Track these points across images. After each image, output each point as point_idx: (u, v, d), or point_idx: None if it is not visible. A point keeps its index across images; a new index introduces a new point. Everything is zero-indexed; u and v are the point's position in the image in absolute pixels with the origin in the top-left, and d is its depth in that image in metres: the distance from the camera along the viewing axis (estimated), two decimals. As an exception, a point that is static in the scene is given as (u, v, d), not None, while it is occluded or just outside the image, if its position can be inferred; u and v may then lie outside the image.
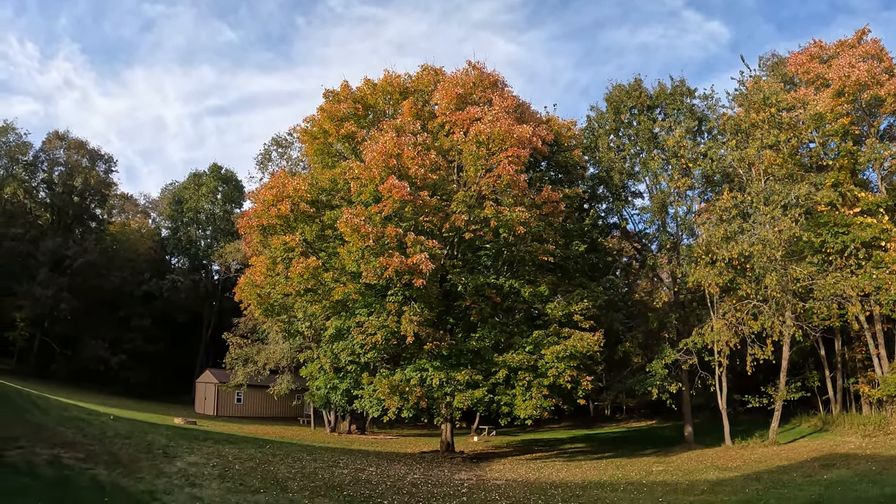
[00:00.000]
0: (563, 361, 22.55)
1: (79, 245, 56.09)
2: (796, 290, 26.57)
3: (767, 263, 26.03)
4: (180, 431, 24.19)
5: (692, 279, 28.33)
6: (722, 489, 16.73)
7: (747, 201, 27.48)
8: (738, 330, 27.34)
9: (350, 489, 16.71)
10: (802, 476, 17.47)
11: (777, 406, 27.92)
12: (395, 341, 22.36)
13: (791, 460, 20.91)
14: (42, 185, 60.11)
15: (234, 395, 46.47)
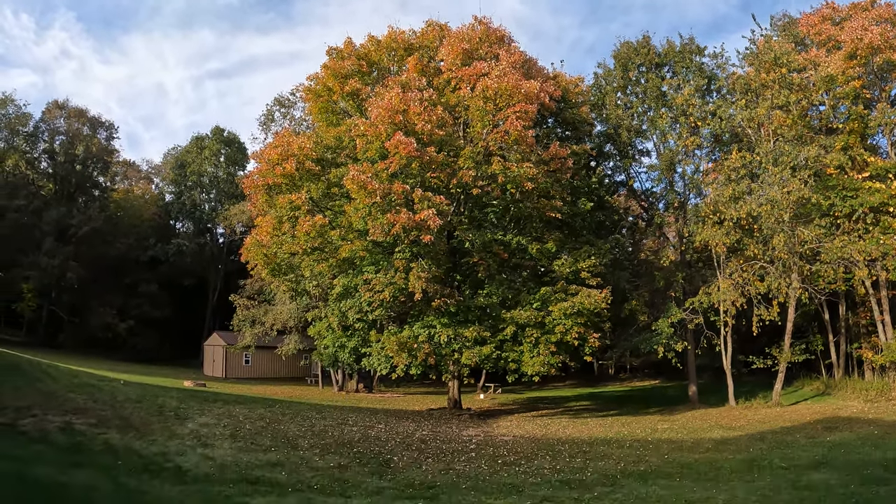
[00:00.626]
0: (571, 318, 22.59)
1: (83, 213, 56.04)
2: (803, 252, 26.49)
3: (775, 224, 25.91)
4: (190, 393, 24.41)
5: (699, 238, 28.23)
6: (726, 447, 16.83)
7: (756, 161, 27.22)
8: (745, 290, 27.29)
9: (360, 446, 16.90)
10: (806, 437, 17.60)
11: (781, 368, 28.04)
12: (402, 298, 22.37)
13: (794, 422, 21.09)
14: (44, 155, 59.89)
15: (242, 356, 46.85)
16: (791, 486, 11.47)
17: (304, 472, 13.61)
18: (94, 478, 9.90)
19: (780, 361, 28.06)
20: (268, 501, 10.24)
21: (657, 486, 12.56)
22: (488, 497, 12.16)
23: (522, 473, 14.62)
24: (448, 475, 14.34)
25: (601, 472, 14.53)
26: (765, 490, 11.18)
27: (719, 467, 14.00)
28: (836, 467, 12.94)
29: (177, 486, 10.87)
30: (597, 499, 11.64)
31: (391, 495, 12.12)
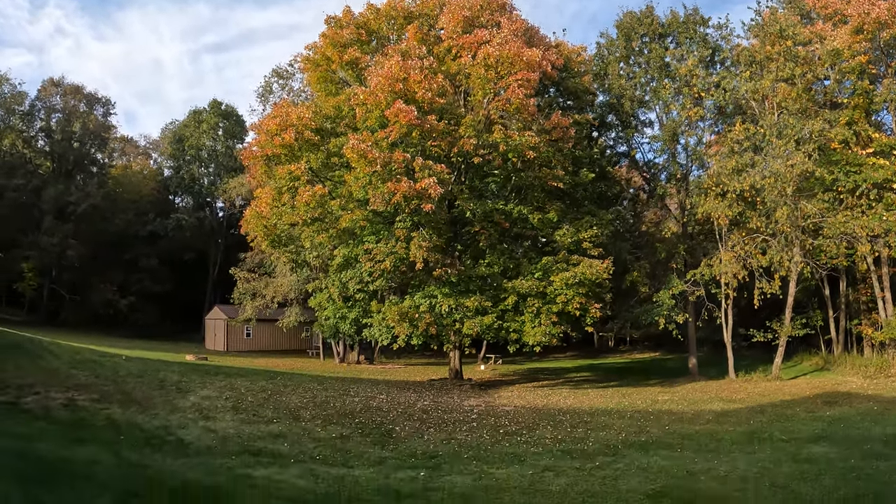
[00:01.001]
0: (572, 288, 22.46)
1: (81, 191, 55.72)
2: (806, 226, 26.32)
3: (778, 198, 25.70)
4: (192, 367, 24.44)
5: (701, 210, 28.07)
6: (727, 420, 16.88)
7: (760, 134, 26.93)
8: (747, 263, 27.20)
9: (362, 416, 16.91)
10: (805, 411, 17.63)
11: (781, 342, 27.97)
12: (403, 268, 22.23)
13: (794, 396, 21.12)
14: (40, 133, 59.41)
15: (244, 329, 46.91)
16: (791, 458, 11.43)
17: (306, 443, 13.59)
18: (97, 453, 9.90)
19: (781, 335, 28.00)
20: (270, 473, 10.20)
21: (658, 456, 12.46)
22: (490, 466, 12.13)
23: (524, 443, 14.60)
24: (450, 445, 14.32)
25: (602, 442, 14.51)
26: (765, 462, 11.18)
27: (720, 439, 14.03)
28: (835, 441, 12.94)
29: (179, 459, 10.79)
30: (598, 468, 11.58)
31: (393, 465, 12.08)
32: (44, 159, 59.84)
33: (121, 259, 58.84)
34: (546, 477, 10.89)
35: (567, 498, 9.19)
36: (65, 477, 7.54)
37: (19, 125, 57.64)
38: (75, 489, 7.01)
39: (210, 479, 8.97)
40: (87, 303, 55.02)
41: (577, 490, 9.76)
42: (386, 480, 10.27)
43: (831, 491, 8.84)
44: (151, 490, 7.38)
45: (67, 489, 6.98)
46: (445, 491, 9.51)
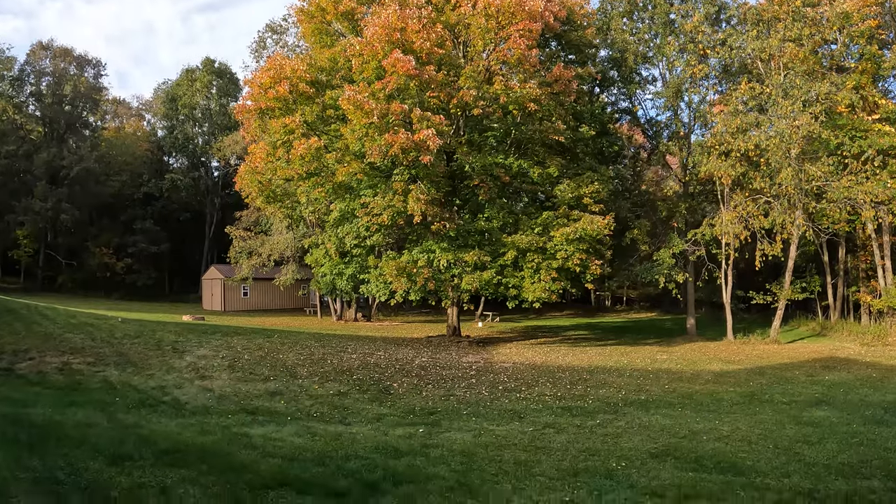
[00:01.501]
0: (573, 244, 22.06)
1: (74, 154, 55.07)
2: (810, 189, 25.95)
3: (782, 159, 25.27)
4: (188, 327, 24.28)
5: (704, 169, 27.65)
6: (726, 380, 16.87)
7: (765, 94, 26.37)
8: (749, 224, 26.87)
9: (359, 373, 16.79)
10: (805, 375, 17.61)
11: (780, 305, 27.91)
12: (401, 222, 21.75)
13: (793, 359, 21.07)
14: (30, 98, 58.42)
15: (241, 289, 46.71)
16: (793, 421, 11.32)
17: (303, 401, 13.49)
18: (90, 416, 9.75)
19: (780, 298, 27.91)
20: (267, 431, 10.02)
21: (659, 415, 12.35)
22: (490, 423, 11.96)
23: (523, 400, 14.51)
24: (449, 401, 14.22)
25: (602, 400, 14.42)
26: (768, 424, 11.08)
27: (720, 399, 13.98)
28: (836, 406, 12.85)
29: (174, 420, 10.70)
30: (599, 426, 11.41)
31: (392, 422, 11.91)
32: (35, 124, 59.02)
33: (116, 221, 58.60)
34: (546, 434, 10.73)
35: (568, 455, 8.98)
36: (56, 442, 7.41)
37: (9, 91, 56.72)
38: (67, 454, 6.83)
39: (205, 438, 8.77)
40: (83, 267, 54.90)
41: (578, 447, 9.55)
42: (384, 437, 10.08)
43: (835, 455, 8.68)
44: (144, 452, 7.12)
45: (58, 454, 6.81)
46: (445, 448, 9.30)
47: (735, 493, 6.89)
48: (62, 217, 52.15)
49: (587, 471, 7.92)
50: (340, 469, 7.36)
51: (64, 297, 46.73)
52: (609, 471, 7.93)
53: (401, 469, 7.54)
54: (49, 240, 55.62)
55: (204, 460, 7.15)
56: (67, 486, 5.79)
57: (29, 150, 54.77)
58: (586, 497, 6.70)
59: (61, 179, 53.98)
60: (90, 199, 56.72)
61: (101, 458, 6.81)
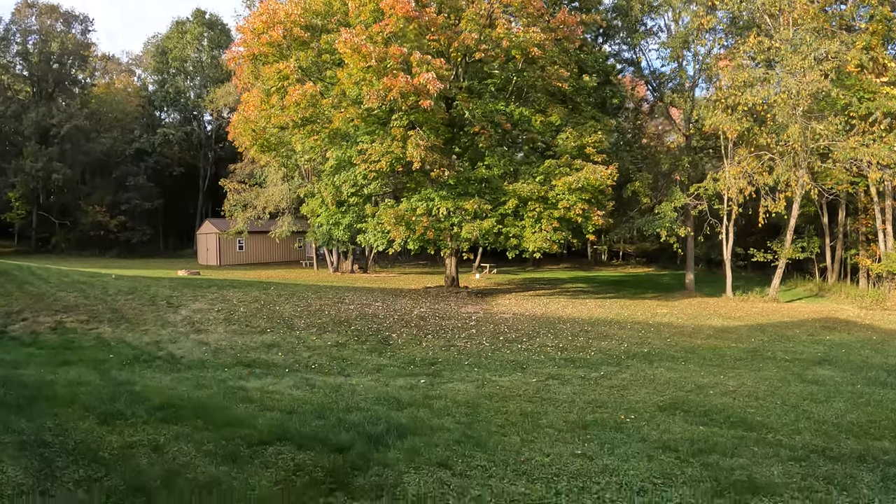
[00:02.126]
0: (575, 193, 21.49)
1: (63, 112, 54.03)
2: (816, 148, 25.52)
3: (789, 116, 24.80)
4: (183, 282, 23.96)
5: (710, 122, 27.10)
6: (727, 336, 16.81)
7: (774, 49, 25.66)
8: (753, 180, 26.44)
9: (357, 324, 16.55)
10: (805, 334, 17.54)
11: (780, 263, 27.74)
12: (400, 168, 21.08)
13: (792, 318, 20.99)
14: (17, 58, 56.86)
15: (236, 242, 46.32)
16: (798, 378, 11.24)
17: (301, 353, 13.31)
18: (82, 375, 9.49)
19: (781, 257, 27.75)
20: (264, 384, 9.79)
21: (663, 367, 12.24)
22: (492, 374, 11.75)
23: (525, 351, 14.36)
24: (449, 352, 14.04)
25: (605, 352, 14.30)
26: (773, 380, 10.97)
27: (723, 354, 13.90)
28: (839, 366, 12.77)
29: (169, 374, 10.48)
30: (604, 378, 11.24)
31: (392, 373, 11.71)
32: (23, 84, 57.83)
33: (108, 179, 57.78)
34: (551, 385, 10.54)
35: (575, 407, 8.76)
36: (46, 402, 7.11)
37: (-6, 52, 55.18)
38: (56, 414, 6.54)
39: (201, 393, 8.52)
40: (76, 226, 54.54)
41: (584, 399, 9.34)
42: (385, 389, 9.83)
43: (843, 414, 8.56)
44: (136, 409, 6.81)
45: (47, 414, 6.51)
46: (448, 399, 9.07)
47: (748, 448, 6.71)
48: (53, 176, 51.38)
49: (596, 423, 7.68)
50: (341, 422, 7.06)
51: (58, 257, 46.54)
52: (618, 423, 7.69)
53: (404, 421, 7.26)
54: (41, 201, 55.01)
55: (199, 415, 6.86)
56: (55, 447, 5.47)
57: (17, 111, 53.67)
58: (598, 450, 6.43)
59: (51, 138, 53.10)
60: (81, 157, 55.84)
61: (92, 417, 6.50)
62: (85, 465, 5.11)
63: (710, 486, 5.32)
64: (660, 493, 5.18)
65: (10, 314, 15.20)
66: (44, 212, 54.77)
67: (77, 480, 4.81)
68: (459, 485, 5.23)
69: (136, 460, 5.34)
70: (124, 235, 55.37)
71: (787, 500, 5.08)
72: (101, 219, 53.63)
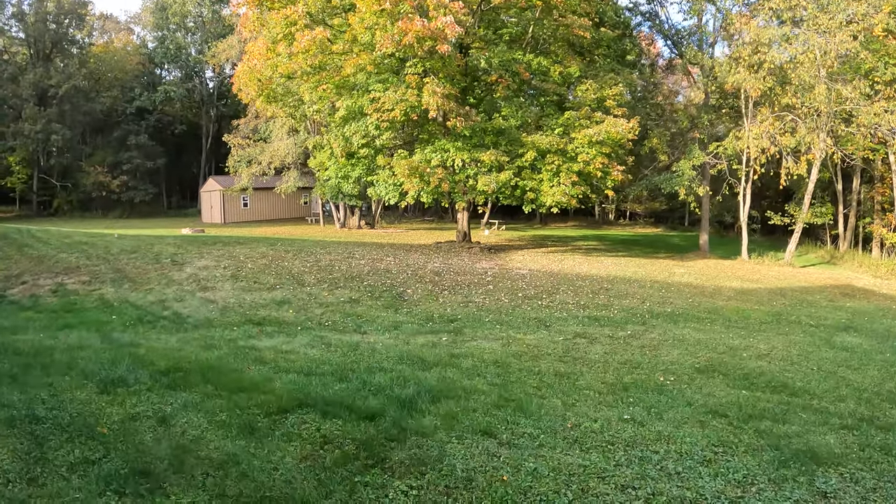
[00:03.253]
0: (595, 147, 20.56)
1: (61, 72, 52.64)
2: (840, 111, 24.61)
3: (815, 77, 23.85)
4: (188, 239, 23.39)
5: (732, 79, 25.95)
6: (748, 298, 16.38)
7: (801, 6, 24.59)
8: (776, 141, 25.58)
9: (370, 279, 15.96)
10: (826, 300, 17.12)
11: (797, 227, 27.22)
12: (415, 117, 20.01)
13: (810, 283, 20.60)
14: (13, 20, 55.21)
15: (241, 199, 45.47)
16: (826, 344, 10.84)
17: (312, 309, 12.81)
18: (84, 338, 8.86)
19: (798, 221, 27.20)
20: (276, 343, 9.24)
21: (689, 328, 11.73)
22: (516, 331, 11.25)
23: (546, 308, 13.88)
24: (468, 308, 13.54)
25: (627, 311, 13.58)
26: (803, 345, 10.57)
27: (747, 316, 13.50)
28: (864, 333, 12.31)
29: (175, 335, 9.78)
30: (632, 337, 10.76)
31: (411, 330, 11.19)
32: (19, 46, 56.40)
33: (109, 138, 56.66)
34: (579, 344, 10.03)
35: (609, 368, 8.27)
36: (42, 370, 6.42)
37: (-10, 16, 53.66)
38: (52, 384, 5.83)
39: (209, 354, 7.88)
40: (78, 187, 53.57)
41: (617, 360, 8.84)
42: (406, 347, 9.27)
43: (880, 382, 8.13)
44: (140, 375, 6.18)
45: (43, 385, 5.80)
46: (475, 358, 8.54)
47: (797, 414, 6.31)
48: (52, 138, 50.26)
49: (636, 385, 7.20)
50: (366, 384, 6.47)
51: (61, 220, 45.81)
52: (659, 386, 7.24)
53: (434, 383, 6.69)
54: (42, 164, 53.99)
55: (209, 380, 6.23)
56: (47, 423, 4.74)
57: (14, 73, 52.39)
58: (646, 415, 5.92)
59: (49, 99, 51.92)
60: (81, 117, 54.60)
61: (91, 385, 5.81)
62: (81, 444, 4.41)
63: (771, 455, 4.87)
64: (723, 462, 4.70)
65: (10, 278, 14.73)
66: (45, 175, 53.92)
67: (72, 464, 4.10)
68: (510, 457, 4.63)
69: (140, 436, 4.64)
70: (127, 195, 54.42)
71: (851, 472, 4.64)
72: (102, 179, 52.64)
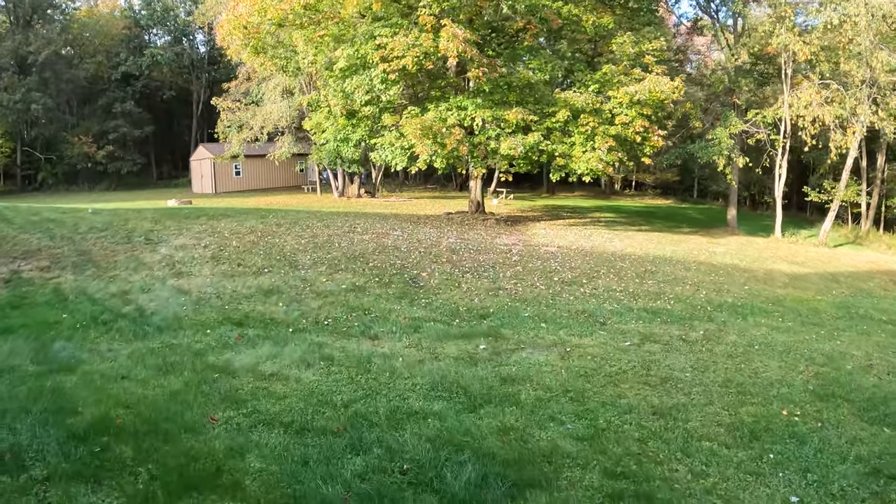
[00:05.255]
0: (635, 108, 17.74)
1: (41, 38, 49.43)
2: (888, 82, 22.37)
3: (872, 44, 21.61)
4: (169, 213, 20.59)
5: (776, 42, 23.39)
6: (804, 285, 14.68)
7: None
8: (825, 110, 23.06)
9: (376, 259, 13.39)
10: (880, 288, 15.58)
11: (833, 206, 25.29)
12: (430, 65, 16.95)
13: (856, 268, 18.94)
14: None
15: (232, 168, 42.53)
16: None
17: (308, 301, 10.38)
18: (13, 353, 7.06)
19: (834, 198, 25.17)
20: (258, 359, 6.99)
21: (764, 326, 9.85)
22: (568, 332, 8.99)
23: (591, 297, 11.34)
24: (498, 297, 11.11)
25: (685, 301, 11.49)
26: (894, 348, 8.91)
27: (815, 309, 11.87)
28: None
29: (130, 345, 7.70)
30: (708, 340, 8.56)
31: (434, 332, 8.75)
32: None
33: (94, 107, 53.66)
34: (654, 353, 7.86)
35: (713, 395, 6.18)
36: None
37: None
38: None
39: (162, 387, 5.77)
40: (63, 159, 50.82)
41: (714, 380, 6.67)
42: (436, 363, 6.92)
43: None
44: (45, 440, 3.86)
45: None
46: (535, 383, 6.18)
47: None
48: (33, 107, 47.29)
49: (762, 428, 5.36)
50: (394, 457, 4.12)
51: (45, 194, 43.46)
52: (789, 427, 5.42)
53: (496, 447, 4.43)
54: (25, 136, 51.19)
55: (144, 455, 3.95)
56: None
57: (-9, 42, 49.38)
58: (804, 487, 4.38)
59: (29, 67, 49.01)
60: (63, 85, 51.54)
61: None
62: None
63: None
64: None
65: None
66: (28, 147, 51.08)
67: None
68: None
69: None
70: (113, 166, 51.45)
71: None
72: (87, 150, 49.68)
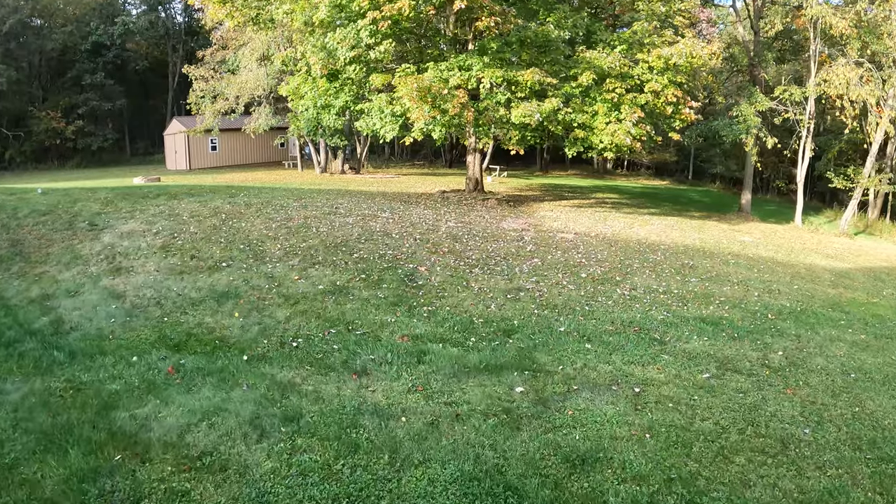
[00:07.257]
0: (667, 74, 15.31)
1: (5, 6, 46.28)
2: None
3: None
4: (126, 193, 18.02)
5: (810, 14, 21.57)
6: (850, 284, 13.16)
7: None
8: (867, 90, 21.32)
9: (362, 248, 11.05)
10: None
11: (856, 194, 24.24)
12: (432, 10, 14.10)
13: (890, 263, 17.66)
14: None
15: (208, 142, 39.66)
16: None
17: (272, 310, 8.08)
18: None
19: (858, 186, 24.04)
20: (190, 417, 4.96)
21: (839, 340, 8.20)
22: (625, 359, 6.99)
23: (632, 301, 9.22)
24: (521, 303, 8.88)
25: (739, 306, 9.54)
26: None
27: (877, 315, 10.23)
28: None
29: (26, 383, 5.69)
30: (795, 366, 6.77)
31: (444, 358, 6.52)
32: None
33: (63, 79, 50.79)
34: (746, 394, 5.77)
35: (855, 471, 4.48)
36: None
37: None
38: None
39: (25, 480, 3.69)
40: (31, 135, 47.94)
41: (838, 438, 5.01)
42: (458, 427, 4.72)
43: None
44: None
45: None
46: (615, 466, 4.09)
47: None
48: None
49: None
50: None
51: (13, 173, 40.74)
52: None
53: None
54: (-11, 113, 48.21)
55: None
56: None
57: (-51, 12, 46.22)
58: None
59: (-9, 38, 46.29)
60: (30, 56, 48.95)
61: None
62: None
63: None
64: None
65: None
66: (-7, 125, 48.16)
67: None
68: None
69: None
70: (83, 142, 48.78)
71: None
72: (56, 125, 47.01)
